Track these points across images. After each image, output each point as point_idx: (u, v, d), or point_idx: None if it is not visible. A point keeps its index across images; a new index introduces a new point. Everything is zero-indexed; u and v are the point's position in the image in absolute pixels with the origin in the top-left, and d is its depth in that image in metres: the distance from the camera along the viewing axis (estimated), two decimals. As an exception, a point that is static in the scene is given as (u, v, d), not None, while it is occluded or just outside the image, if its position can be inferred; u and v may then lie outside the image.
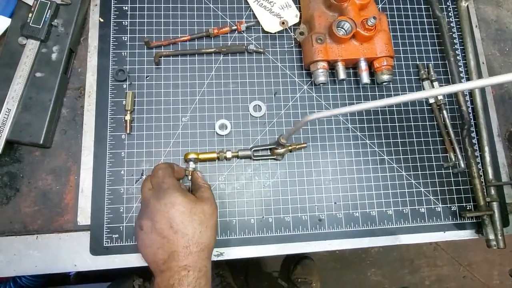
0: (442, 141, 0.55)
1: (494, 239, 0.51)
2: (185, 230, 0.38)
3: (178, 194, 0.39)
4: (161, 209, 0.39)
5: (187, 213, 0.39)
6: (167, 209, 0.38)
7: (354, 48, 0.52)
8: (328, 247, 0.51)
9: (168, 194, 0.39)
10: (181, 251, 0.37)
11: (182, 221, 0.38)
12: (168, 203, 0.39)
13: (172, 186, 0.40)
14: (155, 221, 0.39)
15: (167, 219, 0.38)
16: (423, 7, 0.60)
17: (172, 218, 0.38)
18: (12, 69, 0.49)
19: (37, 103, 0.49)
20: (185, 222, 0.38)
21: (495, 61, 0.61)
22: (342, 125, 0.54)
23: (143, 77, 0.53)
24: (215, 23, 0.55)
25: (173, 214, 0.38)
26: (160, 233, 0.38)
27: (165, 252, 0.38)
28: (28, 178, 0.49)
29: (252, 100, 0.53)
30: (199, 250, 0.38)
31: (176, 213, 0.38)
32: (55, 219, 0.48)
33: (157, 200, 0.40)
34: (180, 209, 0.39)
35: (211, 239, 0.40)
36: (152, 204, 0.40)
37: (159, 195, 0.40)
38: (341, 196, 0.52)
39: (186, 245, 0.38)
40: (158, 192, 0.40)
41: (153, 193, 0.41)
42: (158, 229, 0.38)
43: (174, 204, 0.39)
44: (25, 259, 0.47)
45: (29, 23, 0.49)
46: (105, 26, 0.54)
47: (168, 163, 0.45)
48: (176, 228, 0.38)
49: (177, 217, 0.38)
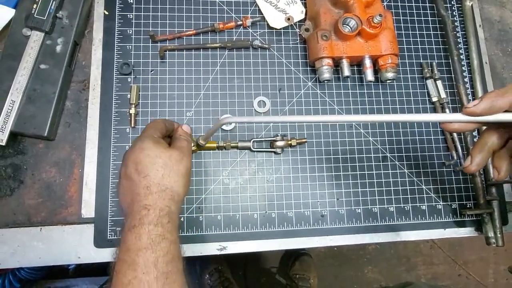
0: (444, 139, 0.55)
1: (493, 237, 0.52)
2: (147, 171, 0.38)
3: (148, 140, 0.40)
4: (131, 153, 0.40)
5: (152, 156, 0.39)
6: (137, 153, 0.39)
7: (359, 45, 0.52)
8: (330, 242, 0.51)
9: (140, 141, 0.40)
10: (141, 192, 0.37)
11: (146, 164, 0.38)
12: (138, 148, 0.39)
13: (148, 135, 0.41)
14: (126, 165, 0.40)
15: (134, 162, 0.39)
16: (427, 5, 0.60)
17: (138, 161, 0.39)
18: (16, 60, 0.48)
19: (41, 95, 0.49)
20: (149, 165, 0.38)
21: (498, 61, 0.61)
22: (346, 122, 0.54)
23: (148, 71, 0.53)
24: (221, 18, 0.55)
25: (140, 157, 0.39)
26: (129, 176, 0.39)
27: (130, 194, 0.38)
28: (32, 170, 0.49)
29: (256, 95, 0.54)
30: (160, 191, 0.38)
31: (142, 156, 0.39)
32: (59, 212, 0.48)
33: (131, 147, 0.41)
34: (147, 153, 0.39)
35: (177, 184, 0.40)
36: (128, 152, 0.41)
37: (135, 143, 0.41)
38: (343, 193, 0.52)
39: (147, 185, 0.38)
40: (136, 140, 0.41)
41: (134, 142, 0.42)
42: (128, 174, 0.39)
43: (142, 149, 0.39)
44: (29, 250, 0.47)
45: (33, 14, 0.49)
46: (110, 19, 0.54)
47: (167, 121, 0.45)
48: (140, 169, 0.38)
49: (142, 160, 0.39)
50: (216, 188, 0.50)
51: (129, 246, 0.34)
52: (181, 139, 0.44)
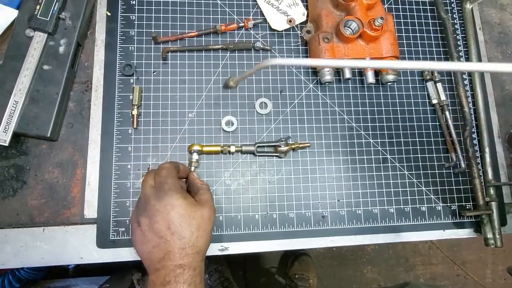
0: (444, 141, 0.56)
1: (492, 238, 0.52)
2: (183, 233, 0.39)
3: (178, 196, 0.40)
4: (160, 209, 0.39)
5: (186, 216, 0.39)
6: (167, 210, 0.39)
7: (360, 47, 0.53)
8: (331, 243, 0.51)
9: (168, 195, 0.39)
10: (176, 252, 0.38)
11: (180, 224, 0.39)
12: (168, 204, 0.39)
13: (173, 187, 0.40)
14: (154, 221, 0.39)
15: (165, 220, 0.39)
16: (428, 8, 0.60)
17: (170, 220, 0.39)
18: (19, 61, 0.49)
19: (44, 96, 0.49)
20: (183, 225, 0.39)
21: (497, 64, 0.61)
22: (347, 124, 0.55)
23: (150, 72, 0.53)
24: (223, 19, 0.56)
25: (172, 216, 0.39)
26: (157, 233, 0.39)
27: (161, 251, 0.38)
28: (35, 170, 0.49)
29: (258, 97, 0.54)
30: (194, 253, 0.39)
31: (175, 216, 0.39)
32: (62, 212, 0.49)
33: (157, 199, 0.40)
34: (180, 212, 0.39)
35: (206, 243, 0.41)
36: (152, 203, 0.40)
37: (160, 195, 0.40)
38: (344, 194, 0.53)
39: (182, 247, 0.38)
40: (159, 191, 0.40)
41: (154, 192, 0.41)
42: (155, 229, 0.39)
43: (174, 206, 0.39)
44: (32, 251, 0.47)
45: (36, 15, 0.49)
46: (112, 20, 0.54)
47: (173, 163, 0.45)
48: (173, 229, 0.38)
49: (176, 219, 0.39)
50: (218, 189, 0.51)
51: None
52: (204, 190, 0.44)
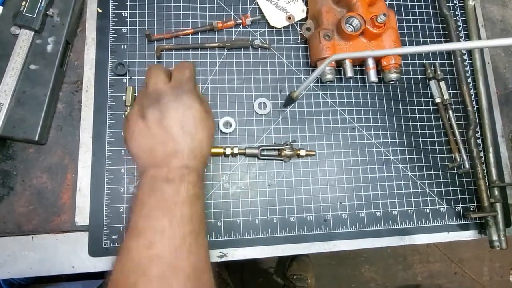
0: (447, 141, 0.55)
1: (497, 240, 0.51)
2: (196, 136, 0.37)
3: (197, 99, 0.38)
4: (175, 107, 0.37)
5: (200, 120, 0.38)
6: (183, 110, 0.37)
7: (362, 45, 0.51)
8: (333, 247, 0.50)
9: (187, 96, 0.38)
10: (186, 153, 0.36)
11: (194, 126, 0.37)
12: (186, 104, 0.37)
13: (194, 90, 0.39)
14: (166, 116, 0.37)
15: (179, 119, 0.37)
16: (430, 4, 0.59)
17: (185, 120, 0.37)
18: (4, 60, 0.46)
19: (31, 98, 0.46)
20: (198, 128, 0.37)
21: (500, 61, 0.60)
22: (349, 124, 0.53)
23: (144, 71, 0.51)
24: (219, 16, 0.53)
25: (188, 117, 0.37)
26: (168, 129, 0.36)
27: (167, 148, 0.36)
28: (22, 176, 0.47)
29: (257, 97, 0.52)
30: (201, 156, 0.38)
31: (191, 117, 0.37)
32: (52, 219, 0.46)
33: (174, 97, 0.37)
34: (195, 114, 0.38)
35: (209, 152, 0.41)
36: (166, 99, 0.37)
37: (178, 93, 0.38)
38: (346, 196, 0.51)
39: (192, 149, 0.37)
40: (177, 90, 0.38)
41: (171, 88, 0.38)
42: (166, 125, 0.36)
43: (191, 108, 0.37)
44: (20, 260, 0.45)
45: (22, 12, 0.46)
46: (103, 17, 0.51)
47: (193, 64, 0.42)
48: (187, 130, 0.37)
49: (191, 120, 0.37)
50: (215, 194, 0.49)
51: (166, 197, 0.34)
52: (207, 102, 0.44)
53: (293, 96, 0.48)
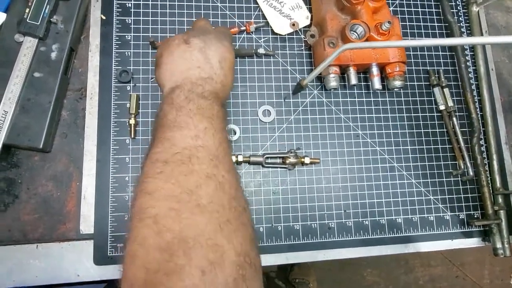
0: (451, 148, 0.55)
1: (501, 248, 0.51)
2: (227, 77, 0.39)
3: (232, 49, 0.41)
4: (218, 46, 0.39)
5: (231, 67, 0.40)
6: (223, 51, 0.39)
7: (367, 53, 0.51)
8: (338, 255, 0.50)
9: (227, 41, 0.41)
10: (218, 83, 0.38)
11: (228, 68, 0.39)
12: (227, 48, 0.40)
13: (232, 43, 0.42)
14: (209, 47, 0.38)
15: (220, 55, 0.39)
16: (434, 11, 0.59)
17: (223, 59, 0.39)
18: (8, 68, 0.46)
19: (36, 105, 0.46)
20: (229, 71, 0.40)
21: (504, 68, 0.60)
22: (353, 132, 0.53)
23: (148, 78, 0.50)
24: (223, 23, 0.53)
25: (225, 58, 0.39)
26: (208, 58, 0.38)
27: (204, 73, 0.37)
28: (27, 184, 0.47)
29: (261, 104, 0.52)
30: (225, 95, 0.40)
31: (227, 60, 0.39)
32: (57, 228, 0.46)
33: (218, 38, 0.40)
34: (231, 60, 0.40)
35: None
36: (211, 36, 0.40)
37: (221, 38, 0.41)
38: (350, 204, 0.51)
39: (223, 84, 0.38)
40: (221, 35, 0.41)
41: (216, 32, 0.42)
42: (207, 54, 0.38)
43: (230, 53, 0.40)
44: (26, 269, 0.45)
45: (26, 19, 0.46)
46: (107, 23, 0.51)
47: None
48: (223, 66, 0.38)
49: (227, 63, 0.39)
50: (220, 201, 0.49)
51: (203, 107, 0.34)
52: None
53: (302, 84, 0.48)
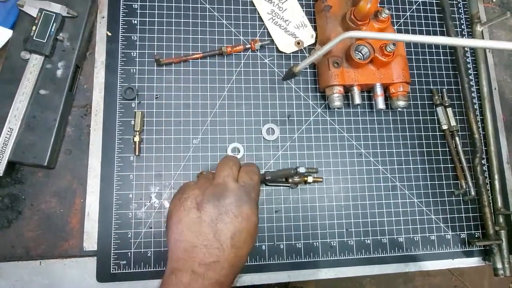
0: (454, 168, 0.55)
1: (501, 268, 0.52)
2: (241, 250, 0.34)
3: (255, 213, 0.36)
4: (235, 215, 0.34)
5: (250, 235, 0.35)
6: (240, 221, 0.34)
7: (371, 73, 0.51)
8: (339, 274, 0.50)
9: (249, 207, 0.35)
10: (225, 267, 0.33)
11: (244, 241, 0.34)
12: (246, 216, 0.35)
13: (256, 200, 0.37)
14: (222, 219, 0.34)
15: (234, 229, 0.34)
16: (438, 30, 0.59)
17: (238, 232, 0.34)
18: (14, 85, 0.46)
19: (41, 123, 0.46)
20: (246, 243, 0.35)
21: (506, 87, 0.61)
22: (356, 150, 0.53)
23: (153, 96, 0.51)
24: (228, 40, 0.54)
25: (242, 230, 0.34)
26: (218, 234, 0.34)
27: (209, 255, 0.33)
28: (31, 200, 0.47)
29: (265, 122, 0.52)
30: (237, 271, 0.35)
31: (244, 230, 0.34)
32: (60, 244, 0.46)
33: (238, 201, 0.35)
34: (249, 228, 0.35)
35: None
36: (230, 200, 0.35)
37: (243, 199, 0.35)
38: (352, 223, 0.51)
39: (232, 264, 0.34)
40: (243, 195, 0.36)
41: (238, 191, 0.36)
42: (218, 228, 0.34)
43: (248, 220, 0.35)
44: (28, 285, 0.45)
45: (32, 37, 0.46)
46: (113, 40, 0.51)
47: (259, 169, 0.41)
48: (236, 242, 0.34)
49: (243, 235, 0.34)
50: (223, 219, 0.49)
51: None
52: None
53: (294, 71, 0.45)
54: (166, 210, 0.48)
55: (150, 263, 0.46)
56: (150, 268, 0.46)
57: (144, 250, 0.46)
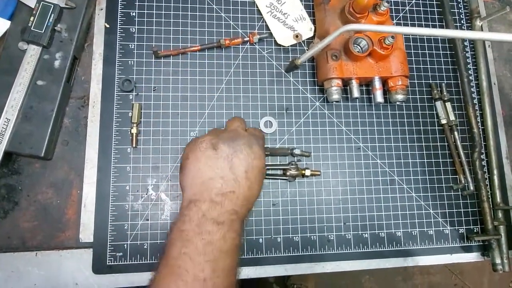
0: (452, 162, 0.55)
1: (500, 263, 0.51)
2: (253, 185, 0.38)
3: (264, 157, 0.41)
4: (248, 153, 0.38)
5: (260, 174, 0.40)
6: (253, 158, 0.38)
7: (369, 66, 0.51)
8: (336, 268, 0.50)
9: (259, 149, 0.40)
10: (240, 198, 0.37)
11: (255, 177, 0.38)
12: (257, 154, 0.39)
13: (263, 148, 0.42)
14: (237, 155, 0.38)
15: (247, 163, 0.38)
16: (437, 24, 0.59)
17: (251, 167, 0.38)
18: (11, 76, 0.46)
19: (38, 113, 0.46)
20: (257, 179, 0.39)
21: (506, 82, 0.60)
22: (354, 144, 0.53)
23: (151, 88, 0.51)
24: (227, 33, 0.53)
25: (254, 166, 0.38)
26: (234, 168, 0.37)
27: (226, 186, 0.36)
28: (28, 191, 0.47)
29: (263, 115, 0.52)
30: (249, 207, 0.39)
31: (256, 167, 0.38)
32: (56, 235, 0.46)
33: (248, 144, 0.39)
34: (260, 167, 0.39)
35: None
36: (241, 141, 0.39)
37: (252, 142, 0.40)
38: (350, 217, 0.51)
39: (246, 196, 0.37)
40: (251, 138, 0.41)
41: (248, 135, 0.41)
42: (234, 163, 0.37)
43: (259, 159, 0.39)
44: (24, 276, 0.45)
45: (30, 28, 0.46)
46: (111, 32, 0.51)
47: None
48: (249, 176, 0.38)
49: (255, 171, 0.38)
50: (220, 212, 0.49)
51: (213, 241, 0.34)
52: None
53: (296, 63, 0.47)
54: (163, 202, 0.48)
55: (146, 255, 0.46)
56: (146, 260, 0.46)
57: (140, 242, 0.46)
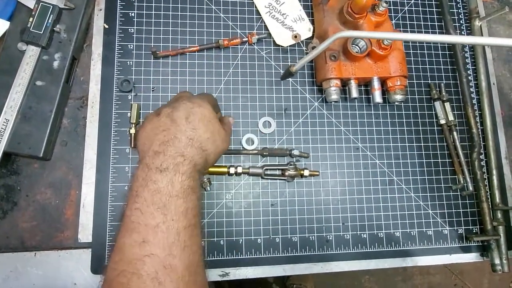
0: (451, 163, 0.54)
1: (499, 264, 0.51)
2: (197, 126, 0.37)
3: (208, 105, 0.40)
4: (187, 104, 0.38)
5: (206, 117, 0.39)
6: (192, 106, 0.38)
7: (368, 66, 0.51)
8: (335, 268, 0.50)
9: (201, 99, 0.40)
10: (183, 140, 0.36)
11: (199, 121, 0.38)
12: (197, 103, 0.39)
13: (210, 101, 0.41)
14: (176, 110, 0.38)
15: (187, 112, 0.38)
16: (436, 24, 0.59)
17: (191, 114, 0.38)
18: (10, 76, 0.46)
19: (37, 114, 0.46)
20: (201, 123, 0.38)
21: (505, 82, 0.60)
22: (353, 144, 0.53)
23: (149, 88, 0.51)
24: (225, 33, 0.53)
25: (195, 112, 0.38)
26: (174, 119, 0.37)
27: (168, 134, 0.36)
28: (26, 191, 0.47)
29: (261, 116, 0.52)
30: (199, 148, 0.37)
31: (198, 113, 0.38)
32: (55, 235, 0.46)
33: (189, 98, 0.40)
34: (204, 112, 0.38)
35: (213, 154, 0.40)
36: (183, 101, 0.39)
37: (194, 96, 0.41)
38: (349, 217, 0.51)
39: (191, 137, 0.37)
40: (196, 98, 0.40)
41: (191, 96, 0.42)
42: (173, 116, 0.37)
43: (201, 106, 0.39)
44: (23, 276, 0.45)
45: (29, 28, 0.47)
46: (110, 32, 0.51)
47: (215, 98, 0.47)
48: (190, 120, 0.37)
49: (197, 116, 0.38)
50: (219, 212, 0.49)
51: (160, 189, 0.33)
52: (228, 126, 0.46)
53: (292, 70, 0.46)
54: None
55: (145, 255, 0.46)
56: (145, 260, 0.46)
57: (139, 242, 0.46)
